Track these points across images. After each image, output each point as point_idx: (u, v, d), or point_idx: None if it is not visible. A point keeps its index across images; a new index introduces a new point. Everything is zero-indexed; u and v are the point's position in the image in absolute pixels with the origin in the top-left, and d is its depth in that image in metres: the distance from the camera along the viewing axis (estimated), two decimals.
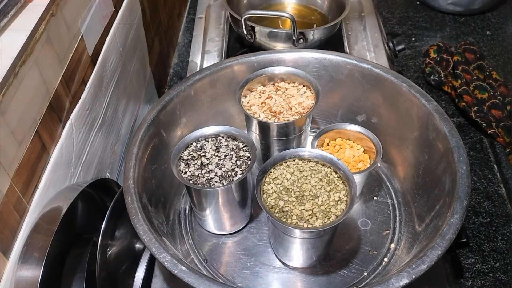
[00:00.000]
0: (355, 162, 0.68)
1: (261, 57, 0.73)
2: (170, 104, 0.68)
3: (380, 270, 0.63)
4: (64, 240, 0.54)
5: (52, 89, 0.55)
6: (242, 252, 0.66)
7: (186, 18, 1.22)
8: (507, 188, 0.78)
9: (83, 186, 0.57)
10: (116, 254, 0.61)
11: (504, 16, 1.25)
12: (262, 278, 0.63)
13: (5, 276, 0.46)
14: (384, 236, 0.67)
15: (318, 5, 1.06)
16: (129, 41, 0.78)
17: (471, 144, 0.87)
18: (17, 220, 0.48)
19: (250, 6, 1.06)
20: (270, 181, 0.60)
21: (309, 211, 0.56)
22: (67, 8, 0.57)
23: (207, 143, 0.65)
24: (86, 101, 0.62)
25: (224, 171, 0.61)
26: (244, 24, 0.88)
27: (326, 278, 0.63)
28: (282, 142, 0.69)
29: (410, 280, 0.48)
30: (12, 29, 0.50)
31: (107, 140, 0.70)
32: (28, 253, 0.49)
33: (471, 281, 0.68)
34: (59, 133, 0.57)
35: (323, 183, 0.59)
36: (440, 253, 0.49)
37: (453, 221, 0.52)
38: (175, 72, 1.08)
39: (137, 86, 0.84)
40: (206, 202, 0.63)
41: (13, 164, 0.47)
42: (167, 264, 0.50)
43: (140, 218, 0.54)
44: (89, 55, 0.64)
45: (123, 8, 0.75)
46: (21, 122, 0.48)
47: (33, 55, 0.50)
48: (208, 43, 1.04)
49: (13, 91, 0.46)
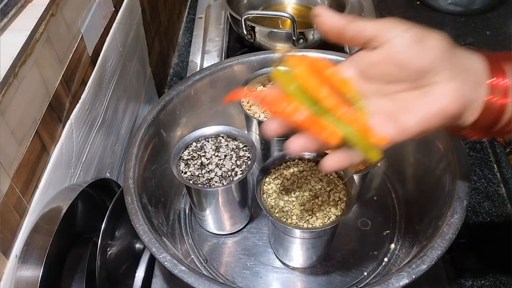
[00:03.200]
0: None
1: (261, 57, 0.73)
2: (170, 104, 0.68)
3: (380, 270, 0.63)
4: (64, 240, 0.54)
5: (52, 89, 0.55)
6: (242, 252, 0.66)
7: (186, 18, 1.22)
8: (507, 188, 0.78)
9: (83, 186, 0.57)
10: (116, 254, 0.61)
11: (504, 16, 1.25)
12: (262, 278, 0.63)
13: (5, 276, 0.46)
14: (384, 236, 0.67)
15: (318, 5, 1.06)
16: (129, 41, 0.78)
17: (471, 144, 0.87)
18: (17, 220, 0.48)
19: (250, 6, 1.06)
20: (270, 181, 0.60)
21: (309, 211, 0.56)
22: (67, 8, 0.57)
23: (207, 143, 0.65)
24: (86, 101, 0.62)
25: (224, 171, 0.61)
26: (244, 24, 0.89)
27: (326, 278, 0.63)
28: (282, 142, 0.69)
29: (410, 280, 0.48)
30: (12, 29, 0.50)
31: (107, 140, 0.70)
32: (28, 253, 0.49)
33: (471, 281, 0.67)
34: (59, 133, 0.57)
35: (323, 183, 0.59)
36: (440, 253, 0.49)
37: (453, 221, 0.52)
38: (175, 72, 1.08)
39: (137, 86, 0.84)
40: (206, 202, 0.63)
41: (13, 164, 0.47)
42: (167, 264, 0.50)
43: (140, 218, 0.54)
44: (89, 55, 0.64)
45: (123, 8, 0.74)
46: (21, 122, 0.48)
47: (33, 55, 0.50)
48: (208, 43, 1.04)
49: (13, 91, 0.46)
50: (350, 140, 0.39)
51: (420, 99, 0.39)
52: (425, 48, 0.38)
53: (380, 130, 0.39)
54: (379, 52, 0.39)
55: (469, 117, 0.41)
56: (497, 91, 0.40)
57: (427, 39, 0.38)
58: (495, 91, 0.40)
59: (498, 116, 0.40)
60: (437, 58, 0.38)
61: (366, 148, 0.39)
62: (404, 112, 0.39)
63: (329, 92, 0.40)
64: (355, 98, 0.40)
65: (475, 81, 0.40)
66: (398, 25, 0.39)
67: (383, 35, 0.39)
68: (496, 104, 0.40)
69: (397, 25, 0.39)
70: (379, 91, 0.41)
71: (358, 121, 0.39)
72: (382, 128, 0.39)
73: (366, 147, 0.39)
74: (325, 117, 0.39)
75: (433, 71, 0.38)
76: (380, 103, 0.41)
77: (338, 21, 0.40)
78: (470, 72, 0.40)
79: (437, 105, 0.39)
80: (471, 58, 0.41)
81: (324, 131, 0.38)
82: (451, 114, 0.39)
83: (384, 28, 0.39)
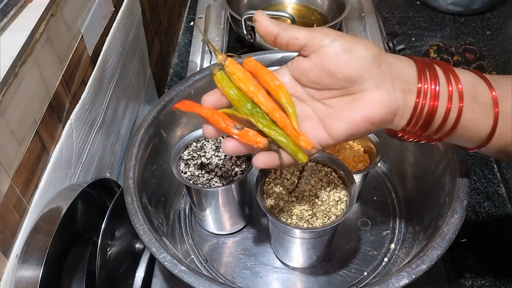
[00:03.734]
0: (355, 162, 0.68)
1: (261, 57, 0.73)
2: (170, 104, 0.68)
3: (380, 270, 0.63)
4: (64, 240, 0.54)
5: (52, 89, 0.55)
6: (242, 252, 0.66)
7: (186, 18, 1.22)
8: (507, 188, 0.78)
9: (83, 186, 0.57)
10: (116, 254, 0.61)
11: (504, 16, 1.25)
12: (262, 278, 0.63)
13: (5, 276, 0.46)
14: (384, 236, 0.67)
15: (318, 5, 1.06)
16: (129, 41, 0.78)
17: None
18: (17, 220, 0.48)
19: (250, 6, 1.06)
20: (270, 181, 0.60)
21: (309, 211, 0.56)
22: (67, 8, 0.57)
23: (207, 143, 0.65)
24: (86, 101, 0.62)
25: (224, 171, 0.61)
26: (244, 24, 0.89)
27: (326, 278, 0.63)
28: None
29: (410, 280, 0.48)
30: (12, 29, 0.50)
31: (107, 140, 0.70)
32: (28, 253, 0.49)
33: (471, 281, 0.68)
34: (59, 133, 0.57)
35: (323, 183, 0.59)
36: (440, 253, 0.49)
37: (453, 221, 0.52)
38: (175, 72, 1.08)
39: (137, 86, 0.84)
40: (206, 202, 0.63)
41: (13, 164, 0.47)
42: (167, 264, 0.50)
43: (140, 218, 0.54)
44: (89, 55, 0.64)
45: (123, 8, 0.74)
46: (21, 122, 0.48)
47: (33, 55, 0.50)
48: None
49: (13, 91, 0.46)
50: (279, 144, 0.42)
51: (348, 106, 0.41)
52: (353, 57, 0.40)
53: (310, 135, 0.42)
54: (311, 59, 0.41)
55: (400, 122, 0.42)
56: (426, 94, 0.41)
57: (355, 49, 0.40)
58: (425, 94, 0.41)
59: (429, 120, 0.42)
60: (365, 66, 0.40)
61: (294, 151, 0.42)
62: (333, 118, 0.42)
63: (266, 96, 0.43)
64: (289, 103, 0.42)
65: (403, 87, 0.41)
66: (328, 34, 0.41)
67: (314, 44, 0.41)
68: (424, 106, 0.41)
69: (328, 34, 0.41)
70: (311, 97, 0.43)
71: (289, 126, 0.42)
72: (311, 133, 0.42)
73: (294, 151, 0.42)
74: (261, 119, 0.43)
75: (361, 79, 0.40)
76: (311, 108, 0.43)
77: (273, 27, 0.42)
78: (398, 78, 0.41)
79: (364, 112, 0.41)
80: (401, 64, 0.42)
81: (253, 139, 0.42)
82: (378, 121, 0.41)
83: (315, 37, 0.41)
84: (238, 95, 0.43)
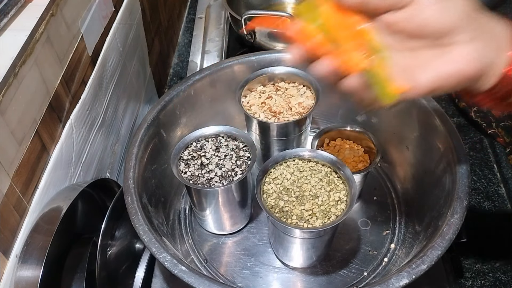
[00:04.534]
0: (355, 162, 0.68)
1: (261, 57, 0.73)
2: (170, 104, 0.68)
3: (380, 270, 0.63)
4: (64, 240, 0.54)
5: (52, 89, 0.55)
6: (242, 252, 0.66)
7: (186, 18, 1.22)
8: (507, 188, 0.78)
9: (83, 186, 0.57)
10: (116, 254, 0.61)
11: (504, 16, 1.25)
12: (262, 278, 0.63)
13: (5, 276, 0.46)
14: (384, 236, 0.67)
15: None
16: (129, 41, 0.78)
17: (471, 144, 0.87)
18: (17, 220, 0.48)
19: (250, 6, 1.06)
20: (270, 181, 0.60)
21: (309, 211, 0.56)
22: (67, 8, 0.57)
23: (207, 143, 0.65)
24: (86, 101, 0.62)
25: (224, 171, 0.61)
26: (244, 24, 0.89)
27: (326, 278, 0.63)
28: (282, 142, 0.69)
29: (410, 280, 0.48)
30: (12, 29, 0.50)
31: (107, 140, 0.70)
32: (28, 253, 0.49)
33: (471, 281, 0.67)
34: (59, 133, 0.57)
35: (323, 183, 0.59)
36: (440, 253, 0.49)
37: (453, 221, 0.52)
38: (175, 72, 1.08)
39: (137, 86, 0.84)
40: (206, 202, 0.63)
41: (13, 164, 0.47)
42: (167, 264, 0.50)
43: (140, 218, 0.54)
44: (89, 55, 0.64)
45: (123, 8, 0.74)
46: (21, 122, 0.48)
47: (33, 55, 0.50)
48: (208, 43, 1.04)
49: (13, 91, 0.46)
50: (371, 77, 0.39)
51: (438, 58, 0.39)
52: (449, 8, 0.38)
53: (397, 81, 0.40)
54: (404, 10, 0.39)
55: (485, 83, 0.40)
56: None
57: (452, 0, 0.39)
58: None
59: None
60: (459, 19, 0.38)
61: (382, 91, 0.39)
62: (420, 68, 0.40)
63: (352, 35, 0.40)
64: (377, 47, 0.40)
65: (496, 46, 0.39)
66: None
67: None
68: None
69: None
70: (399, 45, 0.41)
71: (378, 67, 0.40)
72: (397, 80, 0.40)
73: (382, 90, 0.39)
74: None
75: (454, 32, 0.38)
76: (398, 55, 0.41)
77: None
78: (492, 37, 0.39)
79: (454, 66, 0.39)
80: (496, 24, 0.40)
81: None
82: (467, 77, 0.39)
83: None
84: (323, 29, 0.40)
